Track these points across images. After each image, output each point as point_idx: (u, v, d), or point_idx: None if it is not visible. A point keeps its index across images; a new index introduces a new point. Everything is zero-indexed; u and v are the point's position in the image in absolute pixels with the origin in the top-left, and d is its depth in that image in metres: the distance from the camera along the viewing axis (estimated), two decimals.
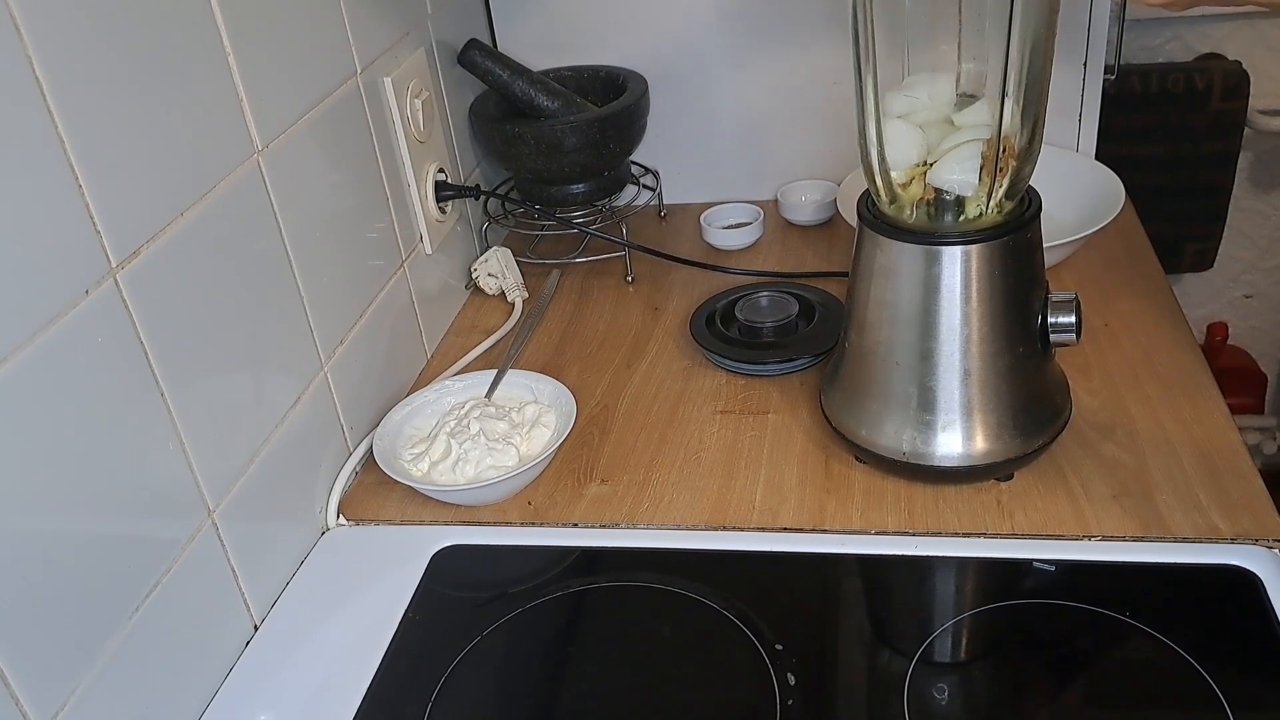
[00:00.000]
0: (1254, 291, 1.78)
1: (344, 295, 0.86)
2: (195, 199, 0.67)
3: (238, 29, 0.70)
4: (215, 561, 0.69)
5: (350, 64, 0.87)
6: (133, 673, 0.61)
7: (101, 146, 0.58)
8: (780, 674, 0.65)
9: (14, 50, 0.53)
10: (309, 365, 0.80)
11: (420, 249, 1.01)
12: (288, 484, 0.78)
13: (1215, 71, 1.47)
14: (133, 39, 0.61)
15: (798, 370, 0.93)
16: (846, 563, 0.73)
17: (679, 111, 1.21)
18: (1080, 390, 0.84)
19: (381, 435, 0.85)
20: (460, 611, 0.73)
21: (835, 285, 1.01)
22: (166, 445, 0.64)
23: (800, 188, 1.20)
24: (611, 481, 0.83)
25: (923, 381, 0.74)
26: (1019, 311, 0.73)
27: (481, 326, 1.07)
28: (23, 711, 0.53)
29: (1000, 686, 0.65)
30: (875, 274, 0.74)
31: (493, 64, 1.08)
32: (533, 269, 1.14)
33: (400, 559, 0.78)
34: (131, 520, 0.61)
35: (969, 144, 0.69)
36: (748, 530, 0.77)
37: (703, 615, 0.70)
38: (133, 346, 0.61)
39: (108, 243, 0.59)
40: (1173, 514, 0.73)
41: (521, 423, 0.85)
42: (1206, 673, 0.61)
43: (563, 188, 1.12)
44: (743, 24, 1.15)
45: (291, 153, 0.77)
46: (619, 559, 0.76)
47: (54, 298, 0.55)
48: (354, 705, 0.66)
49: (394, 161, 0.96)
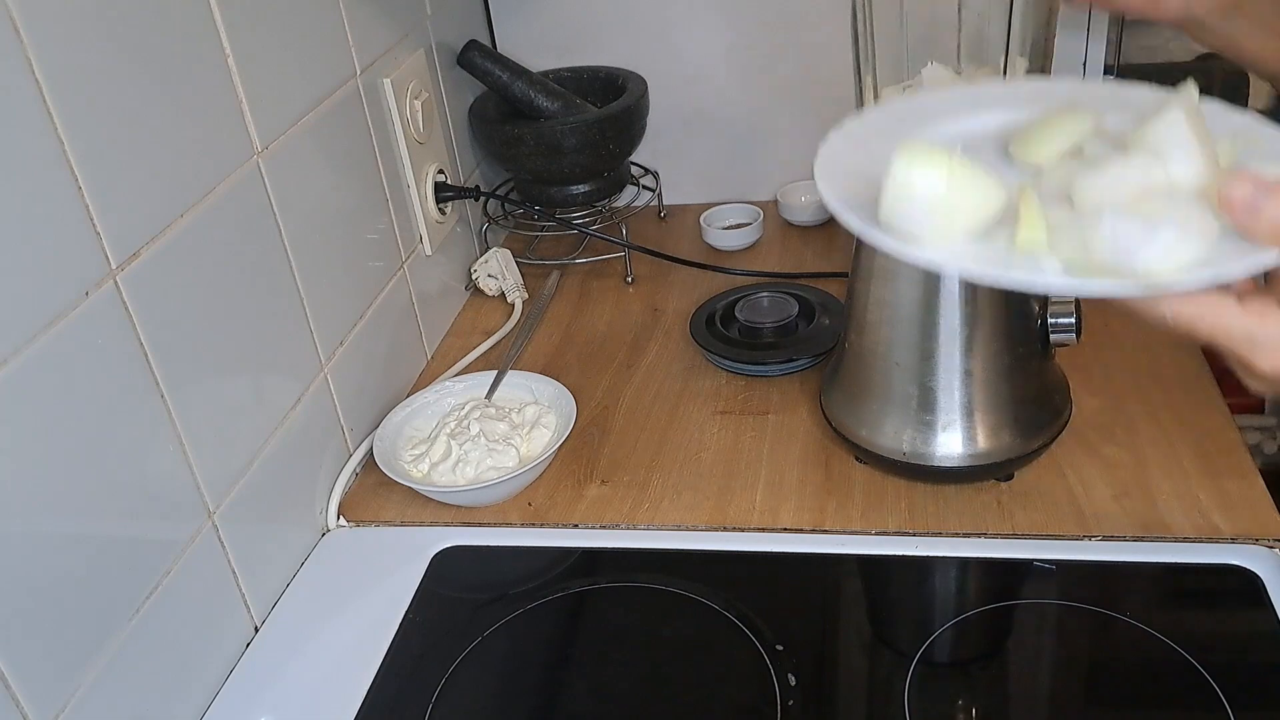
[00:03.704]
0: None
1: (344, 296, 0.86)
2: (195, 200, 0.67)
3: (237, 30, 0.70)
4: (216, 563, 0.69)
5: (350, 65, 0.87)
6: (133, 674, 0.61)
7: (101, 147, 0.58)
8: (781, 674, 0.65)
9: (14, 50, 0.53)
10: (309, 366, 0.80)
11: (420, 250, 1.01)
12: (288, 485, 0.78)
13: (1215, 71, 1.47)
14: (132, 40, 0.61)
15: (798, 370, 0.93)
16: (847, 563, 0.73)
17: (679, 111, 1.20)
18: (1080, 390, 0.84)
19: (382, 436, 0.85)
20: (461, 612, 0.73)
21: (835, 285, 1.01)
22: (167, 447, 0.64)
23: (800, 188, 1.20)
24: (612, 482, 0.83)
25: (923, 381, 0.74)
26: (1019, 311, 0.73)
27: (481, 327, 1.07)
28: (23, 713, 0.53)
29: (1000, 686, 0.65)
30: (875, 274, 0.74)
31: (492, 65, 1.08)
32: (532, 270, 1.14)
33: (400, 560, 0.78)
34: (132, 521, 0.61)
35: None
36: (748, 531, 0.77)
37: (703, 616, 0.70)
38: (133, 348, 0.61)
39: (107, 244, 0.59)
40: (1173, 514, 0.73)
41: (521, 424, 0.85)
42: (1207, 672, 0.61)
43: (562, 189, 1.12)
44: (742, 24, 1.15)
45: (291, 154, 0.77)
46: (619, 560, 0.76)
47: (54, 299, 0.55)
48: (354, 706, 0.66)
49: (394, 163, 0.96)
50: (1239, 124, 0.47)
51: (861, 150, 0.48)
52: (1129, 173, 0.41)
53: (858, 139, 0.50)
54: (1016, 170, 0.47)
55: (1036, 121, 0.48)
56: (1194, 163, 0.41)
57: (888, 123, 0.52)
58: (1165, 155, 0.41)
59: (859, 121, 0.52)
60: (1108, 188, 0.41)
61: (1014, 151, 0.49)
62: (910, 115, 0.52)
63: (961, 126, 0.51)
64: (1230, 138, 0.45)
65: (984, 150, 0.49)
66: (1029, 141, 0.48)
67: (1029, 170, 0.47)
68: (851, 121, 0.52)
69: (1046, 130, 0.47)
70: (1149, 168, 0.41)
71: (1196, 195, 0.40)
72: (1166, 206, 0.40)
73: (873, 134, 0.49)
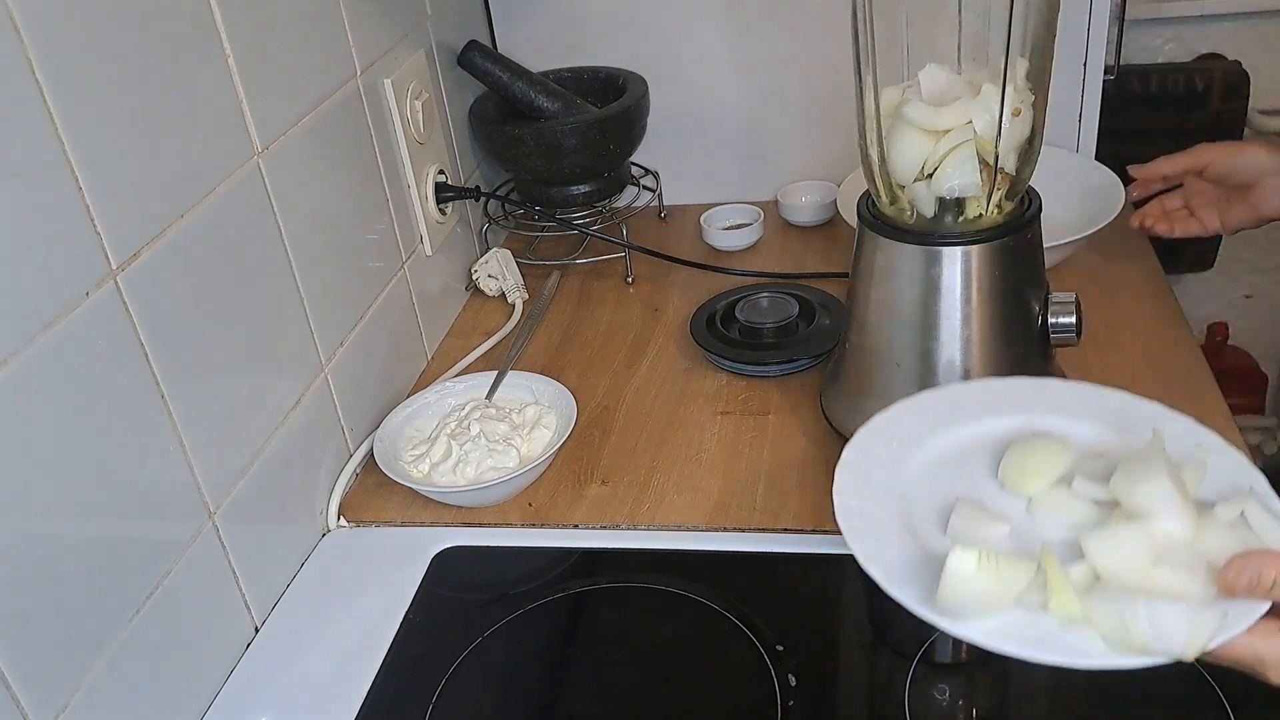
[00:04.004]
0: (1254, 292, 1.78)
1: (344, 297, 0.86)
2: (195, 201, 0.67)
3: (238, 31, 0.70)
4: (216, 563, 0.69)
5: (350, 66, 0.88)
6: (133, 675, 0.61)
7: (101, 148, 0.58)
8: (781, 675, 0.65)
9: (14, 51, 0.53)
10: (309, 367, 0.80)
11: (420, 250, 1.01)
12: (288, 486, 0.78)
13: (1215, 72, 1.47)
14: (133, 40, 0.61)
15: (798, 371, 0.93)
16: (847, 563, 0.72)
17: (679, 112, 1.20)
18: None
19: (382, 437, 0.85)
20: (461, 613, 0.73)
21: (835, 286, 1.01)
22: (167, 447, 0.64)
23: (800, 188, 1.20)
24: (612, 482, 0.83)
25: (923, 382, 0.74)
26: (1019, 312, 0.73)
27: (482, 328, 1.07)
28: (23, 713, 0.53)
29: (1000, 686, 0.65)
30: (875, 275, 0.74)
31: (492, 65, 1.08)
32: (533, 270, 1.14)
33: (401, 560, 0.78)
34: (132, 522, 0.61)
35: (963, 145, 0.68)
36: (748, 531, 0.77)
37: (703, 616, 0.70)
38: (133, 348, 0.61)
39: (108, 244, 0.59)
40: None
41: (522, 424, 0.85)
42: (1208, 673, 0.61)
43: (563, 189, 1.12)
44: (743, 24, 1.15)
45: (291, 154, 0.77)
46: (619, 560, 0.76)
47: (54, 300, 0.55)
48: (355, 707, 0.66)
49: (394, 163, 0.96)
50: (1193, 446, 0.58)
51: (874, 496, 0.57)
52: (1135, 538, 0.50)
53: (866, 475, 0.58)
54: (1010, 497, 0.57)
55: (1021, 451, 0.57)
56: (1183, 518, 0.50)
57: (886, 451, 0.60)
58: (1158, 514, 0.51)
59: (857, 450, 0.60)
60: (1122, 557, 0.50)
61: (1005, 482, 0.57)
62: (903, 439, 0.61)
63: (953, 438, 0.61)
64: (1194, 466, 0.55)
65: (976, 464, 0.59)
66: (1018, 475, 0.57)
67: (1024, 499, 0.56)
68: (851, 453, 0.60)
69: (1032, 462, 0.56)
70: (1149, 532, 0.50)
71: (1192, 549, 0.50)
72: (1179, 579, 0.49)
73: (875, 467, 0.58)
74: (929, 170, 0.70)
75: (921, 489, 0.58)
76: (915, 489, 0.58)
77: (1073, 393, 0.63)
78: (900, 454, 0.60)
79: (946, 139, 0.69)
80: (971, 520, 0.55)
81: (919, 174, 0.70)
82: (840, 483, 0.57)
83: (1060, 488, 0.56)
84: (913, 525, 0.56)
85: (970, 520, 0.55)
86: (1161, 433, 0.56)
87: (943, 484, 0.59)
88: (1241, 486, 0.55)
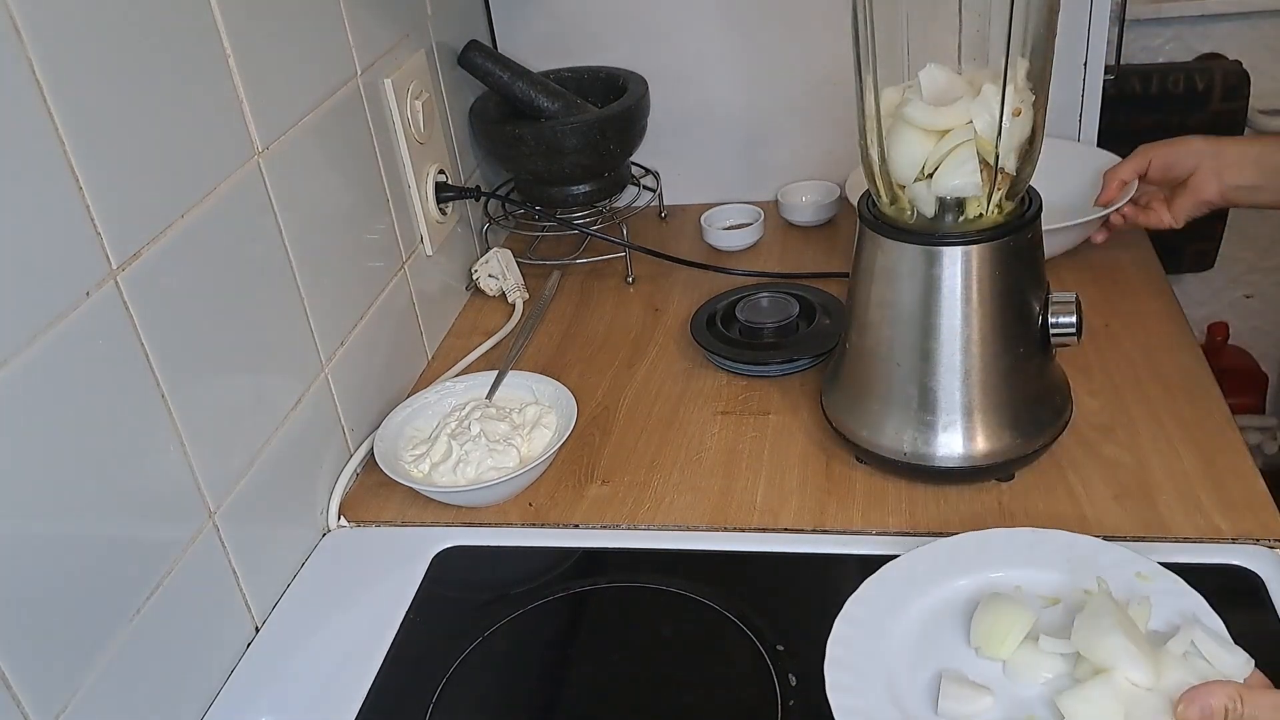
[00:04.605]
0: (1254, 291, 1.78)
1: (344, 297, 0.86)
2: (196, 201, 0.67)
3: (238, 30, 0.70)
4: (216, 563, 0.69)
5: (350, 66, 0.88)
6: (134, 674, 0.61)
7: (101, 147, 0.58)
8: (781, 674, 0.65)
9: (14, 51, 0.53)
10: (310, 367, 0.80)
11: (421, 250, 1.01)
12: (289, 485, 0.78)
13: (1215, 71, 1.47)
14: (133, 40, 0.61)
15: (798, 371, 0.93)
16: (848, 563, 0.73)
17: (679, 112, 1.21)
18: (1081, 390, 0.84)
19: (382, 436, 0.85)
20: (461, 613, 0.73)
21: (835, 286, 1.01)
22: (167, 447, 0.64)
23: (800, 188, 1.20)
24: (612, 482, 0.83)
25: (923, 382, 0.74)
26: (1020, 312, 0.73)
27: (482, 328, 1.07)
28: (24, 713, 0.53)
29: None
30: (876, 274, 0.74)
31: (493, 65, 1.08)
32: (533, 270, 1.14)
33: (401, 560, 0.78)
34: (132, 522, 0.61)
35: (963, 145, 0.68)
36: (749, 531, 0.77)
37: (704, 616, 0.70)
38: (133, 348, 0.61)
39: (108, 244, 0.59)
40: (1174, 514, 0.73)
41: (522, 424, 0.85)
42: None
43: (563, 189, 1.12)
44: (743, 24, 1.15)
45: (292, 154, 0.77)
46: (620, 560, 0.76)
47: (54, 300, 0.55)
48: (355, 707, 0.66)
49: (394, 163, 0.96)
50: (1132, 576, 0.64)
51: (868, 692, 0.60)
52: (1105, 694, 0.55)
53: (855, 667, 0.61)
54: (987, 662, 0.61)
55: (988, 618, 0.62)
56: (1142, 666, 0.55)
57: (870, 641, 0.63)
58: (1119, 666, 0.56)
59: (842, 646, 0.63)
60: (1098, 710, 0.55)
61: (979, 649, 0.62)
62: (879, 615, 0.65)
63: (922, 606, 0.65)
64: (1139, 602, 0.61)
65: (948, 631, 0.64)
66: (988, 641, 0.61)
67: (998, 662, 0.61)
68: (837, 649, 0.63)
69: (1000, 627, 0.61)
70: (1115, 685, 0.55)
71: (1156, 692, 0.55)
72: None
73: (861, 658, 0.62)
74: (929, 170, 0.70)
75: (903, 662, 0.62)
76: (898, 663, 0.62)
77: (1018, 541, 0.68)
78: (881, 630, 0.64)
79: (947, 139, 0.69)
80: (959, 698, 0.59)
81: (919, 174, 0.70)
82: (833, 680, 0.61)
83: (1029, 646, 0.61)
84: (906, 711, 0.59)
85: (958, 698, 0.59)
86: (1105, 579, 0.62)
87: (924, 656, 0.62)
88: (1186, 611, 0.61)
